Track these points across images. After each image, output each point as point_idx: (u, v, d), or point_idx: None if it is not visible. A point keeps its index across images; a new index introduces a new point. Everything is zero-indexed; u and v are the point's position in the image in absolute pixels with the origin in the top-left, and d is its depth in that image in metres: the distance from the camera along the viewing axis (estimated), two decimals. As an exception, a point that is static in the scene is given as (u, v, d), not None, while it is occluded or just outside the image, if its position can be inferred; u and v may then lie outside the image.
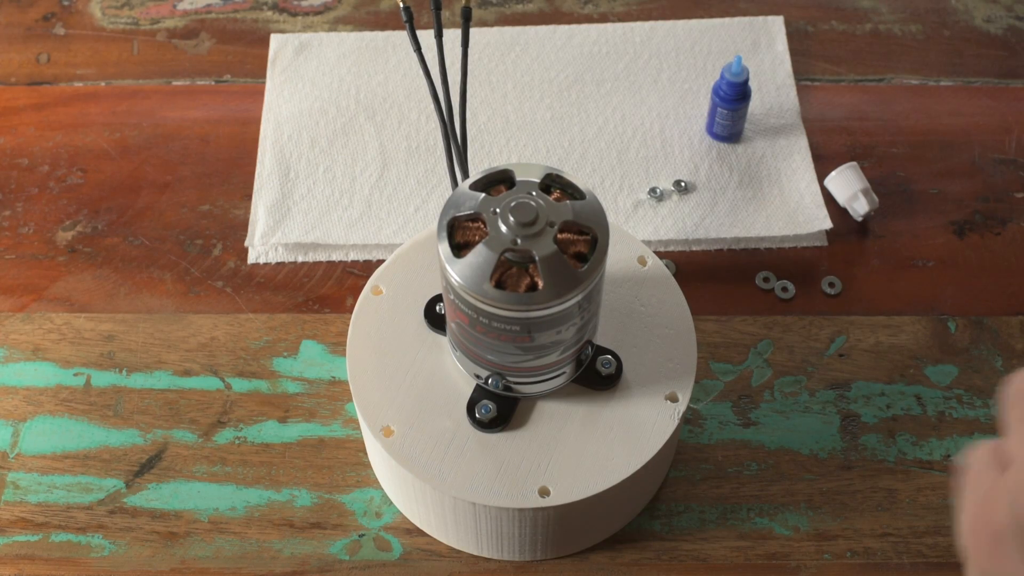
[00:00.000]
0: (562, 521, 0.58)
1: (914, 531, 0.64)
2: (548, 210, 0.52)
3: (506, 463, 0.58)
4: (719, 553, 0.63)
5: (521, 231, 0.51)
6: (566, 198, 0.54)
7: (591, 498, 0.57)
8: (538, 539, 0.60)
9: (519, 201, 0.52)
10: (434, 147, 0.81)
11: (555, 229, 0.51)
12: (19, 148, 0.83)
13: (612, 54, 0.86)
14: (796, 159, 0.80)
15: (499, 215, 0.52)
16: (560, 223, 0.52)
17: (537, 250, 0.51)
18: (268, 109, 0.84)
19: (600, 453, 0.58)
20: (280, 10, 0.91)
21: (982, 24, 0.89)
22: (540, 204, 0.52)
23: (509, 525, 0.59)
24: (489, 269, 0.51)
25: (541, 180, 0.54)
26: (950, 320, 0.72)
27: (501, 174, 0.54)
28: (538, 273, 0.51)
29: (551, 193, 0.54)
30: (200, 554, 0.64)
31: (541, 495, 0.57)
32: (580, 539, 0.62)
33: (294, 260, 0.76)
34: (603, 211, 0.53)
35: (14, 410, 0.69)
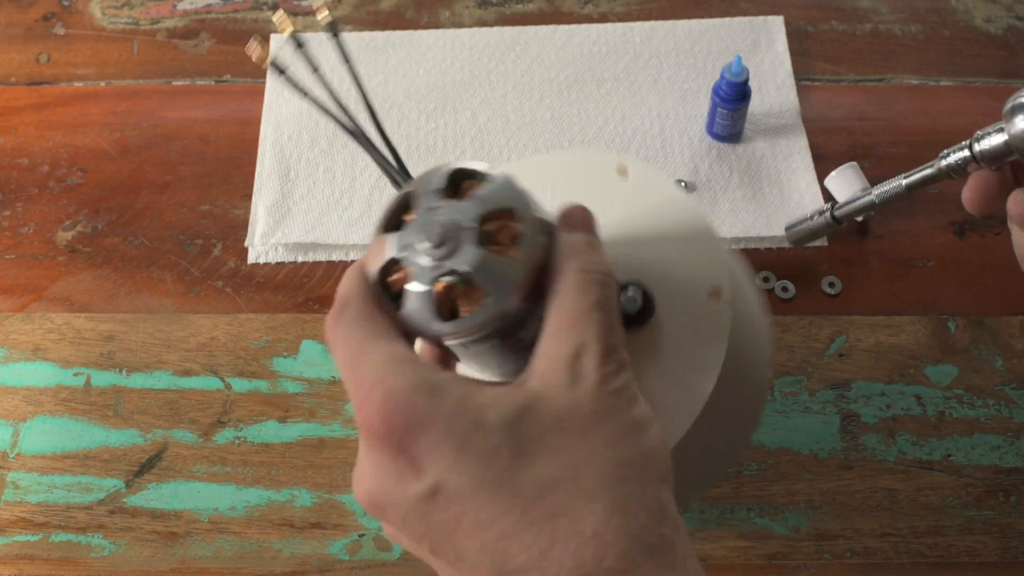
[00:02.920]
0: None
1: (914, 531, 0.64)
2: (455, 214, 0.45)
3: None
4: (719, 553, 0.63)
5: (438, 252, 0.44)
6: (476, 185, 0.47)
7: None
8: None
9: (420, 223, 0.45)
10: (434, 147, 0.81)
11: (475, 228, 0.44)
12: (19, 148, 0.83)
13: (612, 54, 0.86)
14: (796, 159, 0.80)
15: (410, 247, 0.45)
16: (478, 217, 0.45)
17: (462, 263, 0.44)
18: (268, 109, 0.84)
19: (666, 387, 0.49)
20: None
21: (982, 24, 0.89)
22: (444, 215, 0.45)
23: None
24: (430, 307, 0.44)
25: (444, 186, 0.47)
26: (950, 320, 0.72)
27: (402, 203, 0.47)
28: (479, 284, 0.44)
29: (461, 190, 0.47)
30: (200, 554, 0.64)
31: None
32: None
33: (294, 260, 0.76)
34: (514, 182, 0.45)
35: (14, 410, 0.70)
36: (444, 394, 0.38)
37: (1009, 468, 0.66)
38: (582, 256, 0.41)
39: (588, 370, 0.39)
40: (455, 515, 0.37)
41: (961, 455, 0.67)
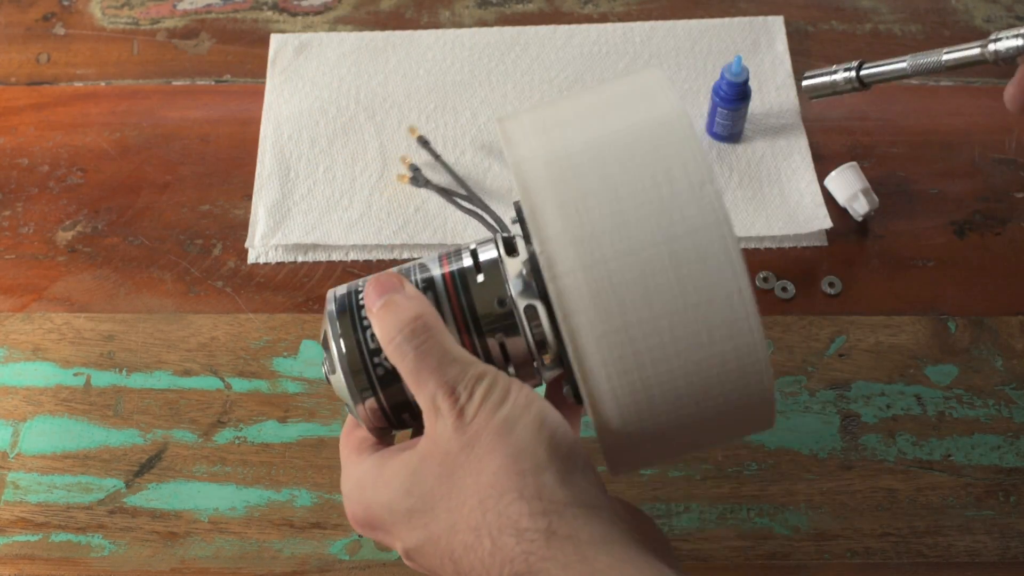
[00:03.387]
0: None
1: (914, 531, 0.64)
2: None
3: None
4: (719, 553, 0.63)
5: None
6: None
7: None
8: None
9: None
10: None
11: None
12: (19, 148, 0.83)
13: (612, 54, 0.86)
14: (796, 159, 0.80)
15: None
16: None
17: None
18: (268, 109, 0.84)
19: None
20: (280, 10, 0.91)
21: (982, 24, 0.89)
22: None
23: None
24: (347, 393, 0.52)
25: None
26: (950, 320, 0.72)
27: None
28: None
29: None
30: (200, 554, 0.64)
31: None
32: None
33: (294, 260, 0.76)
34: (330, 303, 0.53)
35: (14, 410, 0.70)
36: (373, 486, 0.49)
37: (1009, 468, 0.66)
38: (383, 329, 0.49)
39: (445, 412, 0.47)
40: (426, 562, 0.47)
41: (961, 455, 0.67)
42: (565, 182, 0.48)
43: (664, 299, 0.46)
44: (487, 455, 0.46)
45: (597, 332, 0.47)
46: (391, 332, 0.48)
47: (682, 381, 0.48)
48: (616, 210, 0.47)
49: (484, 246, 0.53)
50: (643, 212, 0.47)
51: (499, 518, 0.44)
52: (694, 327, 0.46)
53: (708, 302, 0.46)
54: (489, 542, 0.44)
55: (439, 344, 0.48)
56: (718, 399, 0.48)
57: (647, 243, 0.46)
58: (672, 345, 0.47)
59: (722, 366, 0.47)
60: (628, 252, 0.46)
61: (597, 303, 0.46)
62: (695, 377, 0.47)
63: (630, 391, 0.48)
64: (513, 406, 0.46)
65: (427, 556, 0.47)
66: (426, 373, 0.47)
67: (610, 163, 0.48)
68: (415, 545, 0.47)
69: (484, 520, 0.44)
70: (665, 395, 0.48)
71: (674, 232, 0.46)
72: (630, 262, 0.46)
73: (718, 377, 0.48)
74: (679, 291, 0.46)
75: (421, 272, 0.53)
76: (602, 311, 0.46)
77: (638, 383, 0.47)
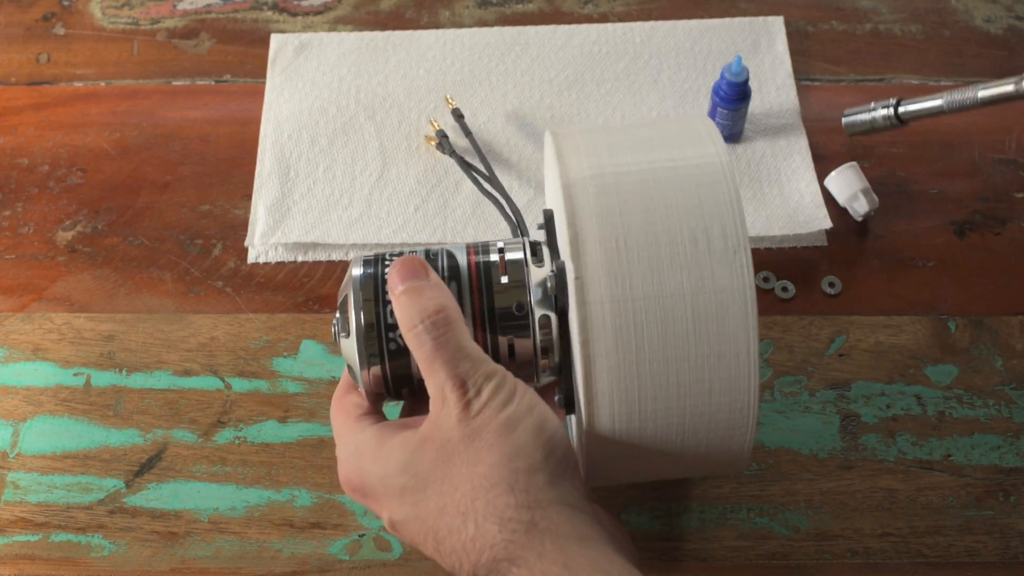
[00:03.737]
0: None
1: (914, 531, 0.64)
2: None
3: None
4: (719, 553, 0.63)
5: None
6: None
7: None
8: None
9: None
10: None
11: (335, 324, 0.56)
12: (19, 148, 0.83)
13: (612, 54, 0.86)
14: (796, 159, 0.80)
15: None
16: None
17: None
18: (268, 109, 0.84)
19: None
20: (280, 10, 0.91)
21: (982, 24, 0.89)
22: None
23: None
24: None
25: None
26: (950, 320, 0.72)
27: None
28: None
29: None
30: (200, 554, 0.64)
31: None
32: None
33: (294, 260, 0.76)
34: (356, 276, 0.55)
35: (14, 410, 0.70)
36: (372, 457, 0.51)
37: (1009, 468, 0.66)
38: (405, 314, 0.51)
39: (451, 403, 0.49)
40: (409, 535, 0.51)
41: (961, 455, 0.67)
42: (611, 216, 0.51)
43: (678, 345, 0.50)
44: (486, 449, 0.48)
45: (611, 362, 0.50)
46: (413, 319, 0.50)
47: (675, 420, 0.52)
48: (653, 255, 0.50)
49: (512, 246, 0.56)
50: (677, 263, 0.50)
51: (487, 506, 0.47)
52: (699, 375, 0.51)
53: (718, 356, 0.50)
54: (474, 527, 0.47)
55: (456, 338, 0.50)
56: (702, 441, 0.53)
57: (675, 292, 0.50)
58: (675, 388, 0.51)
59: (713, 415, 0.52)
60: (655, 296, 0.50)
61: (618, 336, 0.50)
62: (688, 420, 0.52)
63: (627, 419, 0.51)
64: (517, 407, 0.49)
65: (411, 531, 0.50)
66: (440, 363, 0.50)
67: (656, 208, 0.51)
68: (402, 519, 0.50)
69: (472, 507, 0.48)
70: (657, 429, 0.52)
71: (702, 287, 0.50)
72: (655, 306, 0.50)
73: (707, 424, 0.52)
74: (694, 341, 0.50)
75: (448, 260, 0.55)
76: (621, 344, 0.50)
77: (635, 414, 0.51)
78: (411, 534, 0.50)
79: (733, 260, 0.50)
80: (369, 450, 0.52)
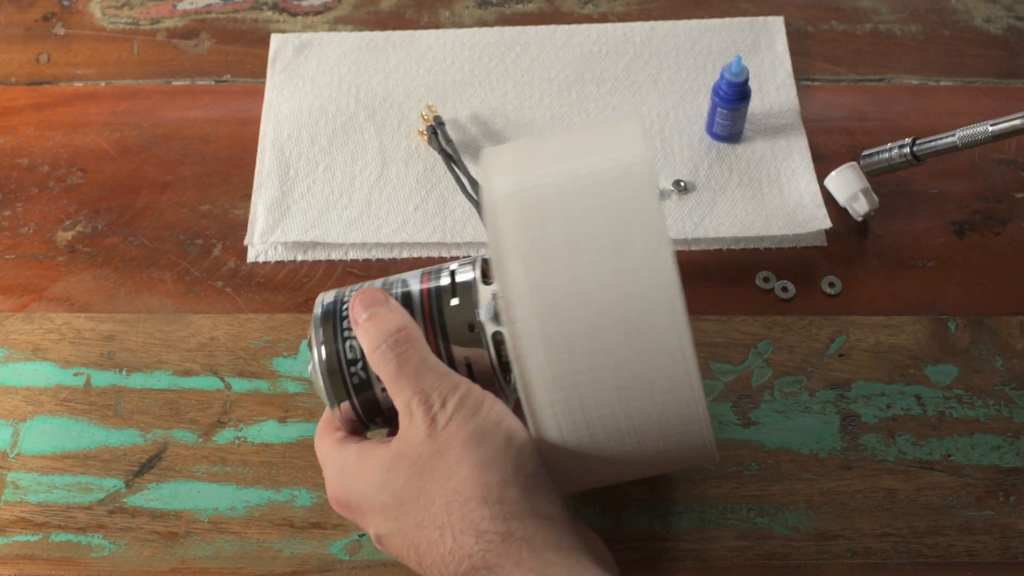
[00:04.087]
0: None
1: (914, 531, 0.64)
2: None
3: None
4: (719, 553, 0.63)
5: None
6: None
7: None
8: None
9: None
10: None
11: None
12: (19, 148, 0.83)
13: (612, 54, 0.86)
14: (796, 159, 0.80)
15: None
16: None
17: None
18: (268, 108, 0.84)
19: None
20: (280, 10, 0.91)
21: (982, 24, 0.89)
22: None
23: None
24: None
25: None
26: (950, 320, 0.72)
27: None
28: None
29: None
30: (200, 554, 0.64)
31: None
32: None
33: (293, 259, 0.76)
34: (318, 309, 0.57)
35: (14, 410, 0.70)
36: (354, 475, 0.53)
37: (1009, 468, 0.66)
38: (368, 338, 0.53)
39: (418, 418, 0.51)
40: (394, 549, 0.52)
41: (961, 455, 0.67)
42: (532, 232, 0.51)
43: (611, 351, 0.50)
44: (456, 463, 0.49)
45: (547, 375, 0.50)
46: (376, 342, 0.52)
47: (624, 423, 0.51)
48: (576, 265, 0.50)
49: (463, 267, 0.57)
50: (600, 269, 0.50)
51: (462, 520, 0.49)
52: (637, 378, 0.50)
53: (652, 357, 0.50)
54: (451, 540, 0.48)
55: (419, 354, 0.52)
56: (658, 440, 0.52)
57: (600, 299, 0.50)
58: (615, 392, 0.50)
59: (662, 414, 0.51)
60: (582, 305, 0.50)
61: (548, 349, 0.50)
62: (637, 421, 0.51)
63: (574, 428, 0.51)
64: (485, 420, 0.51)
65: (395, 545, 0.52)
66: (404, 380, 0.51)
67: (576, 218, 0.51)
68: (385, 534, 0.52)
69: (448, 520, 0.49)
70: (608, 435, 0.52)
71: (627, 291, 0.50)
72: (582, 315, 0.50)
73: (658, 423, 0.51)
74: (625, 345, 0.50)
75: (402, 287, 0.56)
76: (552, 357, 0.50)
77: (582, 423, 0.51)
78: (395, 548, 0.52)
79: (655, 259, 0.50)
80: (351, 468, 0.53)
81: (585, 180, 0.52)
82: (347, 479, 0.54)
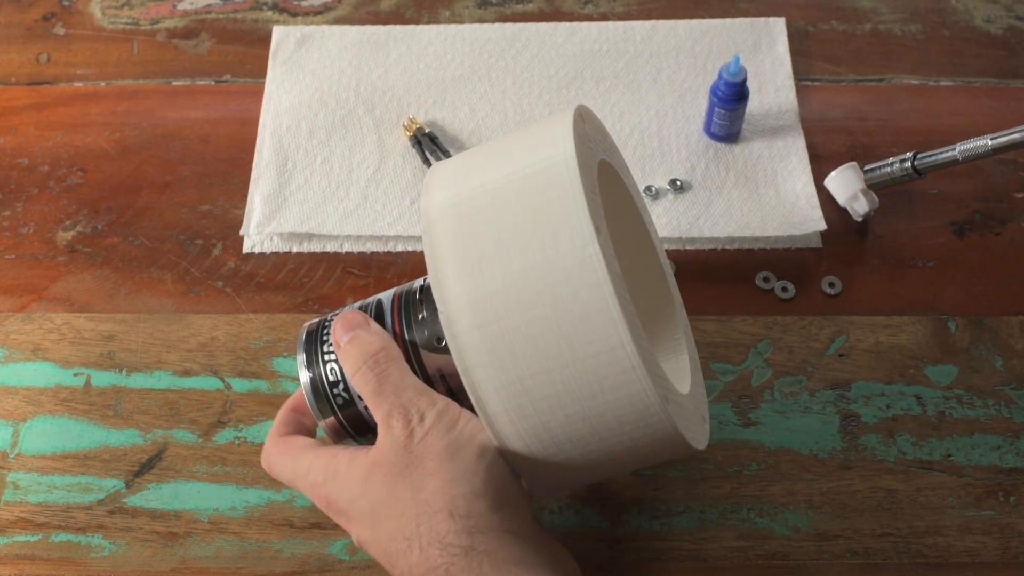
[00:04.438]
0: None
1: (914, 531, 0.64)
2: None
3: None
4: (719, 553, 0.64)
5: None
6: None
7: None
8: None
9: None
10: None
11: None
12: (19, 148, 0.83)
13: (612, 52, 0.86)
14: (793, 160, 0.79)
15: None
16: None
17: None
18: (268, 100, 0.84)
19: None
20: (280, 10, 0.90)
21: (982, 24, 0.89)
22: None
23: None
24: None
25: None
26: (950, 320, 0.72)
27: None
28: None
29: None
30: (200, 554, 0.64)
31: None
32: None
33: (288, 250, 0.76)
34: (304, 332, 0.60)
35: (14, 410, 0.70)
36: (335, 480, 0.54)
37: (1009, 468, 0.66)
38: (349, 360, 0.54)
39: (396, 431, 0.52)
40: (373, 554, 0.53)
41: (961, 455, 0.67)
42: (466, 245, 0.51)
43: (552, 354, 0.50)
44: (428, 476, 0.51)
45: (496, 384, 0.51)
46: (357, 363, 0.54)
47: (581, 424, 0.51)
48: (509, 271, 0.50)
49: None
50: (532, 276, 0.50)
51: (429, 532, 0.50)
52: (584, 378, 0.50)
53: (595, 356, 0.50)
54: (418, 551, 0.50)
55: (398, 371, 0.53)
56: (623, 437, 0.52)
57: (535, 303, 0.50)
58: (567, 394, 0.51)
59: (618, 410, 0.51)
60: (519, 312, 0.50)
61: (493, 359, 0.50)
62: (595, 420, 0.51)
63: (534, 433, 0.52)
64: (459, 435, 0.52)
65: (373, 552, 0.53)
66: (383, 396, 0.53)
67: (506, 225, 0.51)
68: (365, 539, 0.53)
69: (417, 532, 0.50)
70: (569, 436, 0.52)
71: (558, 293, 0.50)
72: (520, 322, 0.50)
73: (617, 420, 0.51)
74: (566, 347, 0.50)
75: (376, 308, 0.58)
76: (497, 366, 0.50)
77: (540, 427, 0.51)
78: (373, 554, 0.53)
79: (582, 257, 0.49)
80: (339, 471, 0.54)
81: (516, 184, 0.52)
82: (330, 483, 0.55)
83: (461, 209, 0.53)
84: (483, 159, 0.56)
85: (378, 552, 0.53)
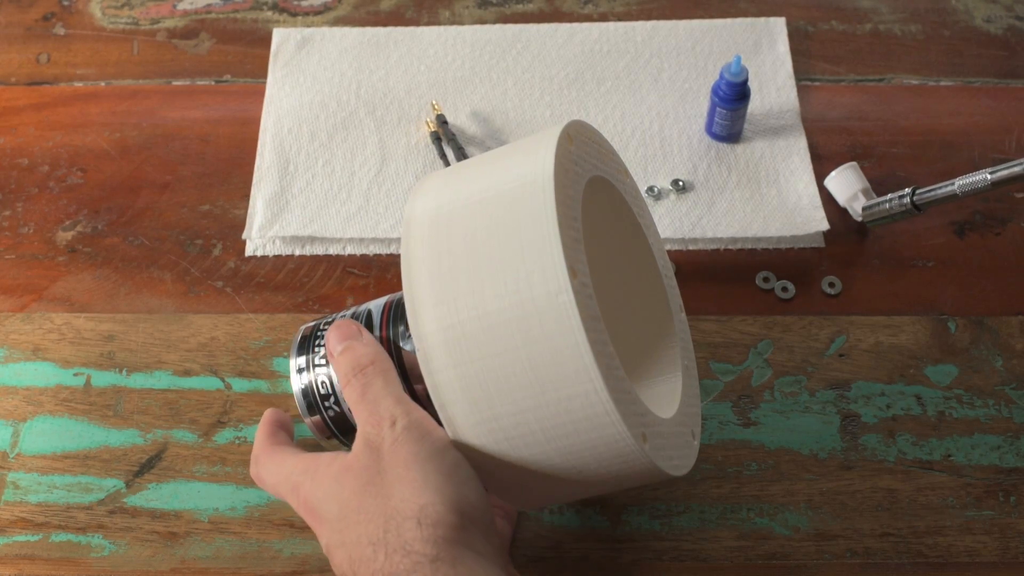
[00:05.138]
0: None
1: (914, 531, 0.64)
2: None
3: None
4: (719, 553, 0.64)
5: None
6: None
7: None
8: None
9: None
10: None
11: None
12: (19, 148, 0.83)
13: (613, 53, 0.86)
14: (795, 160, 0.79)
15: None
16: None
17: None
18: (269, 102, 0.84)
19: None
20: (280, 10, 0.90)
21: (982, 24, 0.89)
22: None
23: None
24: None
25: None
26: (950, 320, 0.72)
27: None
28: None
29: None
30: (200, 554, 0.64)
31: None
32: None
33: (291, 253, 0.76)
34: (298, 335, 0.62)
35: (14, 410, 0.70)
36: (313, 482, 0.54)
37: (1009, 468, 0.66)
38: (341, 370, 0.56)
39: (371, 439, 0.53)
40: (337, 560, 0.52)
41: (961, 455, 0.67)
42: (441, 277, 0.51)
43: (526, 395, 0.50)
44: (396, 482, 0.51)
45: (471, 421, 0.51)
46: (348, 374, 0.55)
47: (559, 461, 0.51)
48: (482, 313, 0.50)
49: None
50: (505, 317, 0.50)
51: (396, 539, 0.50)
52: (558, 420, 0.50)
53: (568, 399, 0.49)
54: (383, 558, 0.50)
55: (382, 383, 0.54)
56: (600, 472, 0.52)
57: (509, 347, 0.50)
58: (541, 433, 0.51)
59: (594, 450, 0.51)
60: (493, 355, 0.50)
61: (468, 397, 0.51)
62: (571, 458, 0.51)
63: (510, 468, 0.52)
64: (432, 445, 0.52)
65: (338, 557, 0.52)
66: (364, 404, 0.54)
67: (483, 265, 0.51)
68: (332, 544, 0.53)
69: (384, 538, 0.50)
70: (545, 471, 0.52)
71: (532, 336, 0.49)
72: (494, 363, 0.50)
73: (594, 458, 0.51)
74: (539, 390, 0.50)
75: (366, 319, 0.59)
76: (472, 405, 0.51)
77: (517, 463, 0.52)
78: (338, 559, 0.52)
79: (556, 304, 0.48)
80: (318, 472, 0.55)
81: (486, 205, 0.52)
82: (307, 485, 0.55)
83: (441, 247, 0.52)
84: (467, 174, 0.55)
85: (343, 557, 0.52)
